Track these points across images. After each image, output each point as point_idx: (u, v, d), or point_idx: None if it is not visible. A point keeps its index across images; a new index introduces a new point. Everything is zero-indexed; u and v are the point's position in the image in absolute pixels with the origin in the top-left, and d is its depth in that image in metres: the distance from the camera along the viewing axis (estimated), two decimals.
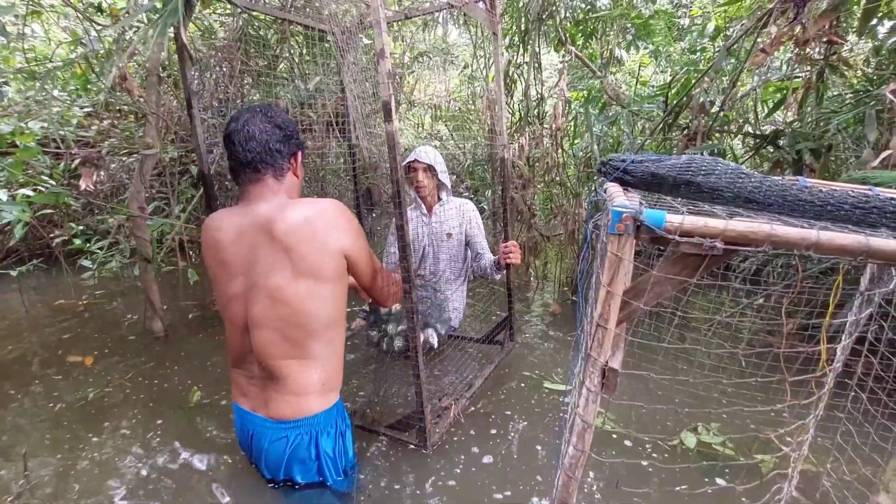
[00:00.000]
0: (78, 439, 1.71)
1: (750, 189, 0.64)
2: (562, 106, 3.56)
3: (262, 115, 1.29)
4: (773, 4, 2.04)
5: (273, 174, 1.29)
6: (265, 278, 1.24)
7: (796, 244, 0.45)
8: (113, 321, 2.81)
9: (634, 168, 0.70)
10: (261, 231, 1.24)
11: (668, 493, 1.46)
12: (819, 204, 0.61)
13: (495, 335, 2.36)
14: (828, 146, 2.46)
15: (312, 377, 1.31)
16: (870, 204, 0.58)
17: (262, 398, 1.35)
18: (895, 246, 0.44)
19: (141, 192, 2.40)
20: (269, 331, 1.27)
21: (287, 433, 1.33)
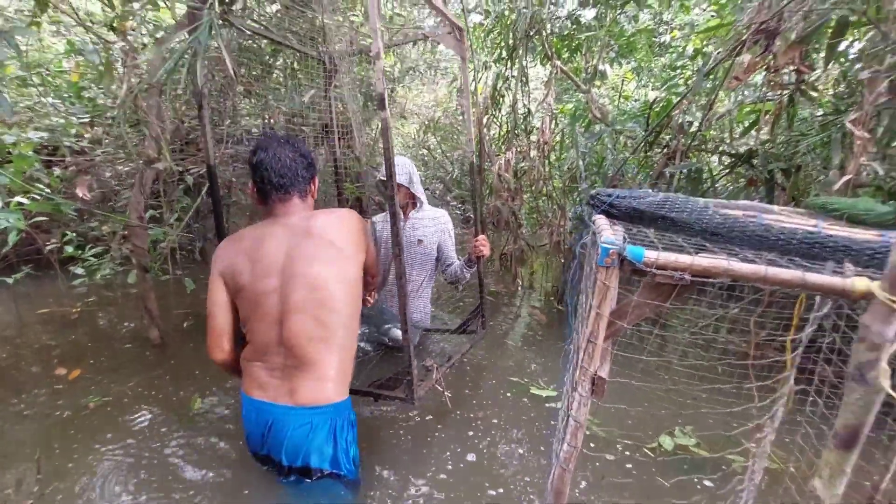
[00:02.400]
0: (85, 447, 1.75)
1: (715, 224, 0.75)
2: (548, 121, 3.70)
3: (289, 145, 1.53)
4: (747, 35, 2.20)
5: (298, 195, 1.54)
6: (304, 269, 1.44)
7: (748, 277, 0.56)
8: (108, 329, 2.84)
9: (619, 203, 0.81)
10: (299, 233, 1.47)
11: (647, 488, 1.57)
12: (773, 238, 0.72)
13: (468, 324, 2.44)
14: (797, 167, 2.62)
15: (334, 364, 1.47)
16: (814, 239, 0.70)
17: (287, 387, 1.46)
18: (826, 280, 0.55)
19: (140, 202, 2.45)
20: (306, 316, 1.43)
21: (311, 419, 1.45)
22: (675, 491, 1.54)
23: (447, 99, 6.93)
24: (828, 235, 0.68)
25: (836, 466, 0.55)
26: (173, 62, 1.60)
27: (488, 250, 2.27)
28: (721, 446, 1.79)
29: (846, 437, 0.54)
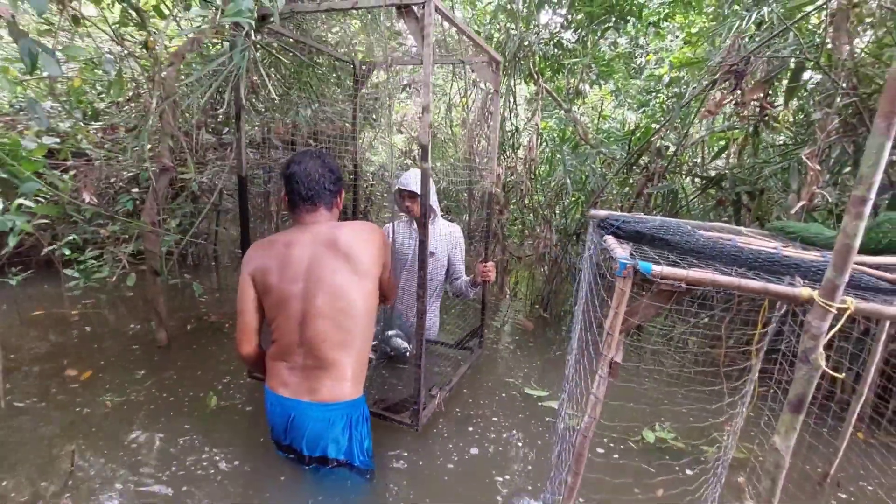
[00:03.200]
0: (112, 443, 1.84)
1: (700, 245, 0.96)
2: (535, 139, 3.94)
3: (319, 160, 1.67)
4: (717, 76, 2.48)
5: (325, 207, 1.68)
6: (328, 278, 1.58)
7: (728, 286, 0.77)
8: (112, 331, 2.89)
9: (625, 226, 1.02)
10: (324, 243, 1.61)
11: (632, 475, 1.78)
12: (744, 256, 0.94)
13: (467, 342, 2.65)
14: (761, 190, 2.92)
15: (350, 366, 1.63)
16: (773, 259, 0.92)
17: (307, 385, 1.62)
18: (782, 289, 0.76)
19: (154, 208, 2.55)
20: (327, 321, 1.58)
21: (329, 415, 1.61)
22: (657, 476, 1.75)
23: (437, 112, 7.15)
24: (784, 256, 0.90)
25: (789, 426, 0.76)
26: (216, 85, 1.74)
27: (494, 277, 2.45)
28: (695, 439, 2.02)
29: (795, 403, 0.75)
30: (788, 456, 0.76)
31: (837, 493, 1.82)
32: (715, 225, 1.56)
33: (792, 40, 2.41)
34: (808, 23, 2.88)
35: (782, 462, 0.77)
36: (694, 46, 4.68)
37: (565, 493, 0.98)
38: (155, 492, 1.60)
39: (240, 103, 1.96)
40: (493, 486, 1.73)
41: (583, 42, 4.30)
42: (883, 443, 2.14)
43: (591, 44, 4.45)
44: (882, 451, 2.06)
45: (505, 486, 1.73)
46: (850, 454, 2.01)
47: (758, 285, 0.76)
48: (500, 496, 1.69)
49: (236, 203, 4.21)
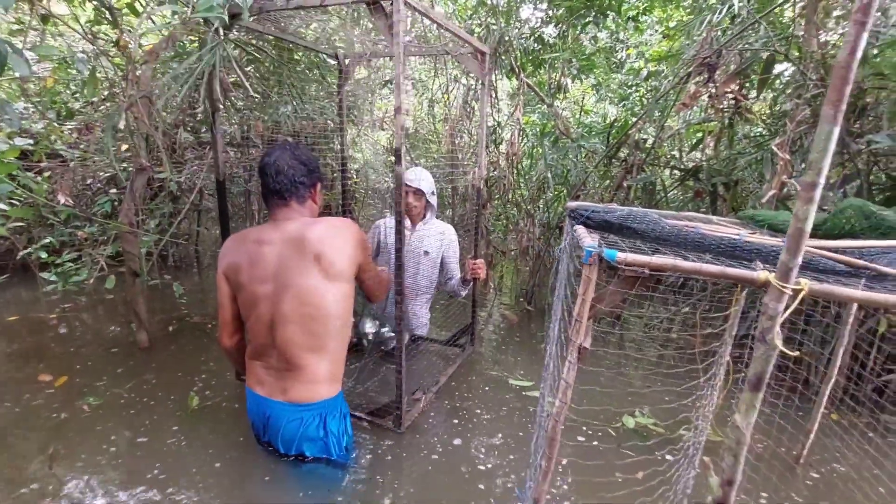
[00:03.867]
0: (92, 446, 1.82)
1: (666, 233, 0.99)
2: (517, 134, 3.97)
3: (290, 152, 1.61)
4: (691, 68, 2.52)
5: (296, 201, 1.62)
6: (296, 280, 1.53)
7: (688, 271, 0.79)
8: (91, 334, 2.85)
9: (594, 216, 1.04)
10: (291, 242, 1.55)
11: (613, 461, 1.81)
12: (707, 243, 0.97)
13: (458, 339, 2.69)
14: (736, 181, 2.98)
15: (323, 367, 1.62)
16: (736, 244, 0.94)
17: (280, 386, 1.62)
18: (740, 273, 0.79)
19: (132, 208, 2.51)
20: (294, 325, 1.55)
21: (301, 415, 1.62)
22: (637, 460, 1.79)
23: (418, 109, 7.13)
24: (746, 241, 0.93)
25: (749, 404, 0.79)
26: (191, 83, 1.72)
27: (484, 274, 2.45)
28: (674, 424, 2.06)
29: (755, 381, 0.78)
30: (749, 433, 0.79)
31: (810, 474, 1.87)
32: (686, 214, 1.59)
33: (763, 33, 2.46)
34: (783, 16, 2.95)
35: (743, 439, 0.79)
36: (672, 40, 4.75)
37: (539, 477, 1.00)
38: (138, 493, 1.59)
39: (215, 104, 1.94)
40: (477, 475, 1.76)
41: (563, 37, 4.33)
42: (854, 424, 2.21)
43: (572, 38, 4.49)
44: (853, 432, 2.13)
45: (488, 475, 1.76)
46: (823, 436, 2.08)
47: (716, 269, 0.79)
48: (482, 484, 1.71)
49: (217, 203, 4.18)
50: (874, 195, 2.29)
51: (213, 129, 1.83)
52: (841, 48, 0.67)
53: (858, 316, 2.27)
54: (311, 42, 2.60)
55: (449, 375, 2.43)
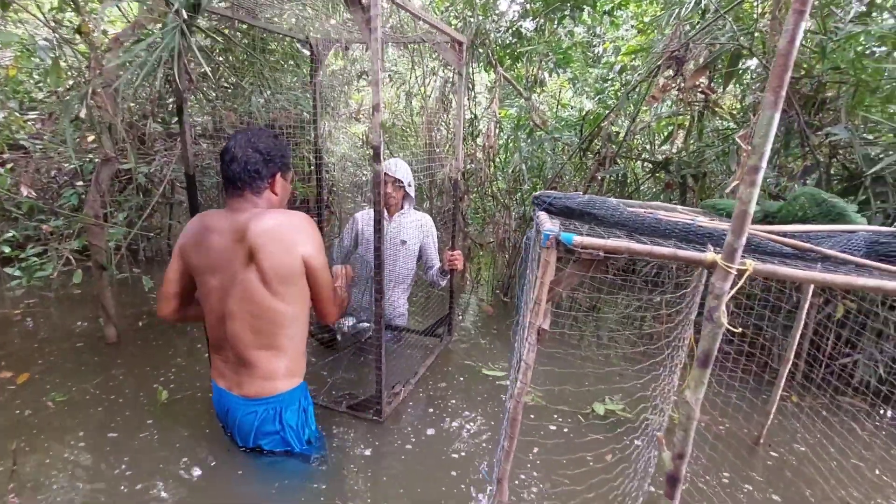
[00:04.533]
0: (58, 443, 1.78)
1: (625, 217, 1.02)
2: (494, 126, 3.98)
3: (247, 139, 1.52)
4: (660, 61, 2.57)
5: (251, 190, 1.53)
6: (239, 276, 1.48)
7: (641, 253, 0.82)
8: (58, 330, 2.78)
9: (556, 202, 1.06)
10: (236, 235, 1.48)
11: (583, 444, 1.86)
12: (663, 228, 1.00)
13: (436, 329, 2.70)
14: (704, 173, 3.06)
15: (278, 364, 1.58)
16: (689, 229, 0.98)
17: (236, 379, 1.60)
18: (689, 255, 0.82)
19: (97, 200, 2.45)
20: (240, 322, 1.51)
21: (256, 409, 1.60)
22: (606, 444, 1.84)
23: (395, 101, 7.09)
24: (699, 226, 0.96)
25: (697, 380, 0.82)
26: (149, 68, 1.67)
27: (461, 265, 2.46)
28: (643, 409, 2.12)
29: (703, 358, 0.81)
30: (698, 408, 0.83)
31: (770, 453, 1.95)
32: (654, 204, 1.63)
33: (729, 28, 2.52)
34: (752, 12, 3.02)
35: (693, 414, 0.83)
36: (646, 35, 4.81)
37: (502, 457, 1.02)
38: (105, 488, 1.57)
39: (181, 95, 1.88)
40: (451, 462, 1.78)
41: (541, 30, 4.35)
42: (812, 406, 2.30)
43: (549, 32, 4.51)
44: (810, 413, 2.22)
45: (462, 462, 1.78)
46: (783, 418, 2.16)
47: (668, 251, 0.81)
48: (454, 471, 1.73)
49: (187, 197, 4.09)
50: (833, 186, 2.38)
51: (182, 120, 1.78)
52: (781, 36, 0.70)
53: (817, 302, 2.36)
54: (283, 29, 2.55)
55: (427, 366, 2.44)
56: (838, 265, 0.95)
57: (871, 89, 2.21)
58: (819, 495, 1.71)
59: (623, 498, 1.44)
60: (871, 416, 2.24)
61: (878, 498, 1.72)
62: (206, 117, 3.82)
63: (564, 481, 1.64)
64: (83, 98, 1.96)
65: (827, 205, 1.27)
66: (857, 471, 1.83)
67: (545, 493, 1.64)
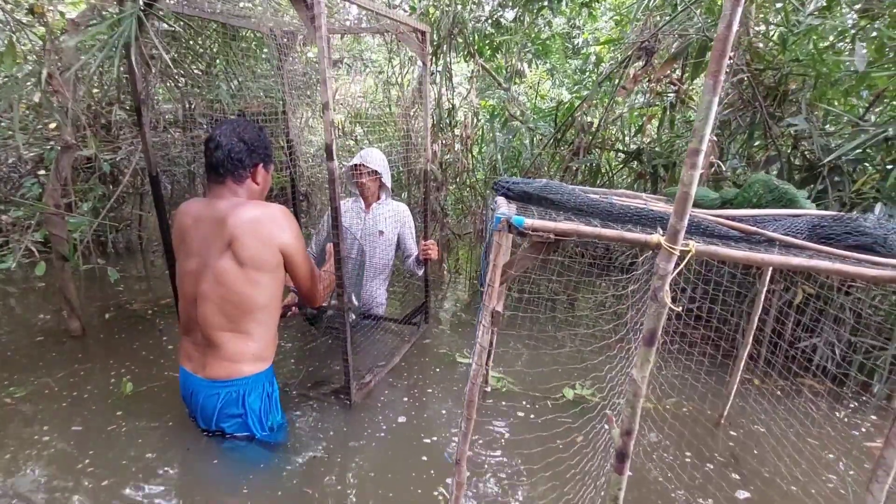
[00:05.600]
0: (19, 439, 1.74)
1: (580, 201, 1.03)
2: (471, 116, 3.98)
3: (232, 129, 1.56)
4: (630, 52, 2.60)
5: (232, 179, 1.57)
6: (214, 261, 1.52)
7: (589, 235, 0.83)
8: (19, 324, 2.70)
9: (513, 188, 1.07)
10: (216, 222, 1.52)
11: (551, 429, 1.89)
12: (617, 212, 1.01)
13: (413, 317, 2.72)
14: (674, 163, 3.11)
15: (244, 347, 1.60)
16: (642, 213, 1.00)
17: (202, 362, 1.62)
18: (635, 237, 0.84)
19: (57, 188, 2.37)
20: (211, 305, 1.54)
21: (219, 391, 1.62)
22: (576, 428, 1.88)
23: (374, 90, 7.01)
24: (651, 210, 0.99)
25: (644, 358, 0.84)
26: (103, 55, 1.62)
27: (436, 254, 2.47)
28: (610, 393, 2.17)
29: (648, 337, 0.83)
30: (645, 385, 0.85)
31: (729, 433, 2.02)
32: (617, 191, 1.66)
33: (697, 19, 2.56)
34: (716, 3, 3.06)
35: (639, 391, 0.85)
36: (623, 26, 4.84)
37: (460, 439, 1.04)
38: (68, 485, 1.54)
39: (139, 97, 1.83)
40: (421, 447, 1.80)
41: (520, 21, 4.34)
42: (772, 390, 2.38)
43: (528, 23, 4.51)
44: (771, 397, 2.30)
45: (430, 448, 1.80)
46: (745, 401, 2.23)
47: (615, 233, 0.83)
48: (424, 457, 1.75)
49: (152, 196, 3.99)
50: (794, 175, 2.45)
51: (140, 124, 1.73)
52: (719, 22, 0.72)
53: (778, 289, 2.44)
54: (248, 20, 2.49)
55: (402, 355, 2.46)
56: (782, 247, 0.98)
57: (831, 82, 2.28)
58: (774, 473, 1.78)
59: (583, 476, 1.48)
60: (828, 398, 2.33)
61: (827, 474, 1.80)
62: (176, 104, 3.72)
63: (532, 467, 1.67)
64: (38, 83, 1.89)
65: (779, 191, 1.31)
66: (811, 450, 1.91)
67: (512, 476, 1.67)
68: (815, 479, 1.75)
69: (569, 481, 1.55)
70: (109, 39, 1.54)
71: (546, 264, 3.34)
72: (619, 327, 2.89)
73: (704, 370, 2.33)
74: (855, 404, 2.30)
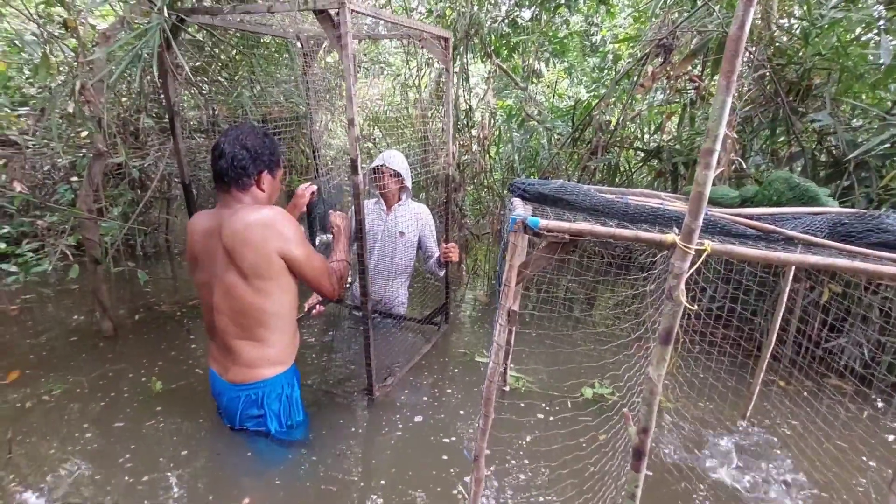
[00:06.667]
0: (57, 431, 1.83)
1: (595, 202, 1.04)
2: (488, 117, 3.99)
3: (235, 136, 1.54)
4: (648, 50, 2.58)
5: (236, 187, 1.55)
6: (221, 274, 1.54)
7: (604, 235, 0.84)
8: (55, 324, 2.81)
9: (529, 189, 1.09)
10: (216, 233, 1.53)
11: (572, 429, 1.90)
12: (632, 212, 1.02)
13: (433, 318, 2.74)
14: (695, 160, 3.07)
15: (261, 354, 1.64)
16: (657, 213, 1.00)
17: (224, 365, 1.68)
18: (650, 236, 0.84)
19: (90, 194, 2.47)
20: (225, 316, 1.58)
21: (240, 393, 1.67)
22: (597, 427, 1.88)
23: (391, 93, 7.08)
24: (666, 210, 0.99)
25: (660, 356, 0.85)
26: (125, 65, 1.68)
27: (457, 257, 2.49)
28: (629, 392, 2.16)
29: (664, 336, 0.84)
30: (661, 384, 0.86)
31: (750, 431, 1.99)
32: (634, 190, 1.66)
33: (716, 15, 2.53)
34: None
35: (656, 389, 0.86)
36: (641, 23, 4.79)
37: (478, 436, 1.06)
38: (101, 478, 1.61)
39: (172, 109, 1.90)
40: (440, 446, 1.82)
41: (537, 20, 4.34)
42: (797, 390, 2.34)
43: (545, 21, 4.50)
44: (796, 397, 2.26)
45: (450, 447, 1.82)
46: (768, 400, 2.20)
47: (629, 233, 0.84)
48: (445, 455, 1.78)
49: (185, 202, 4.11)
50: (819, 171, 2.40)
51: (174, 136, 1.79)
52: (732, 23, 0.72)
53: (803, 288, 2.39)
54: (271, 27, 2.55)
55: (422, 354, 2.49)
56: (802, 246, 0.98)
57: (856, 76, 2.22)
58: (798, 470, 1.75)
59: (603, 476, 1.48)
60: (855, 400, 2.27)
61: (860, 478, 1.76)
62: (200, 111, 3.83)
63: (551, 464, 1.68)
64: (71, 93, 1.98)
65: (800, 189, 1.30)
66: (838, 451, 1.87)
67: (530, 475, 1.68)
68: (843, 477, 1.72)
69: (587, 480, 1.55)
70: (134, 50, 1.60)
71: (564, 264, 3.34)
72: (637, 326, 2.87)
73: (725, 370, 2.30)
74: (883, 405, 2.24)
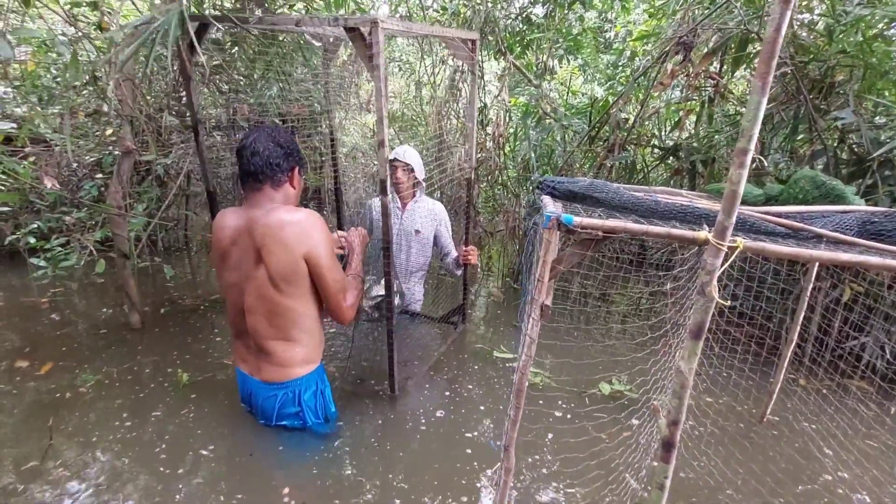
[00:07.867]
0: (94, 420, 1.90)
1: (625, 199, 1.06)
2: (503, 115, 4.00)
3: (267, 134, 1.58)
4: (668, 47, 2.58)
5: (271, 185, 1.58)
6: (253, 274, 1.56)
7: (637, 232, 0.87)
8: (84, 318, 2.90)
9: (559, 186, 1.11)
10: (247, 232, 1.55)
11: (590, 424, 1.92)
12: (661, 210, 1.04)
13: (451, 317, 2.78)
14: (713, 158, 3.06)
15: (294, 353, 1.68)
16: (687, 210, 1.02)
17: (256, 365, 1.71)
18: (682, 233, 0.87)
19: (118, 191, 2.54)
20: (259, 317, 1.61)
21: (276, 392, 1.71)
22: (614, 423, 1.90)
23: (406, 90, 7.11)
24: (696, 207, 1.01)
25: (691, 351, 0.87)
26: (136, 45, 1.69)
27: (476, 259, 2.52)
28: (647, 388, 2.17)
29: (695, 331, 0.86)
30: (691, 378, 0.88)
31: (771, 431, 2.00)
32: (657, 188, 1.67)
33: (737, 13, 2.52)
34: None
35: (686, 383, 0.88)
36: (657, 19, 4.76)
37: (508, 426, 1.09)
38: (138, 465, 1.67)
39: (196, 117, 1.94)
40: (463, 440, 1.86)
41: (551, 16, 4.33)
42: (818, 388, 2.33)
43: (559, 18, 4.49)
44: (816, 395, 2.25)
45: (472, 441, 1.86)
46: (789, 400, 2.20)
47: (662, 230, 0.86)
48: (469, 449, 1.81)
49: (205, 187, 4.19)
50: (841, 170, 2.38)
51: (198, 143, 1.83)
52: (768, 25, 0.74)
53: (825, 286, 2.38)
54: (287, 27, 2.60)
55: (441, 352, 2.53)
56: (829, 244, 0.99)
57: (880, 73, 2.21)
58: (820, 470, 1.76)
59: (625, 469, 1.51)
60: (879, 397, 2.27)
61: (882, 476, 1.76)
62: (219, 110, 3.90)
63: (569, 455, 1.71)
64: (102, 92, 2.03)
65: (826, 187, 1.31)
66: (861, 450, 1.87)
67: (554, 472, 1.71)
68: (861, 476, 1.72)
69: (608, 474, 1.58)
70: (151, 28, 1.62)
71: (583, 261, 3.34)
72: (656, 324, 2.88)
73: (748, 367, 2.30)
74: None
